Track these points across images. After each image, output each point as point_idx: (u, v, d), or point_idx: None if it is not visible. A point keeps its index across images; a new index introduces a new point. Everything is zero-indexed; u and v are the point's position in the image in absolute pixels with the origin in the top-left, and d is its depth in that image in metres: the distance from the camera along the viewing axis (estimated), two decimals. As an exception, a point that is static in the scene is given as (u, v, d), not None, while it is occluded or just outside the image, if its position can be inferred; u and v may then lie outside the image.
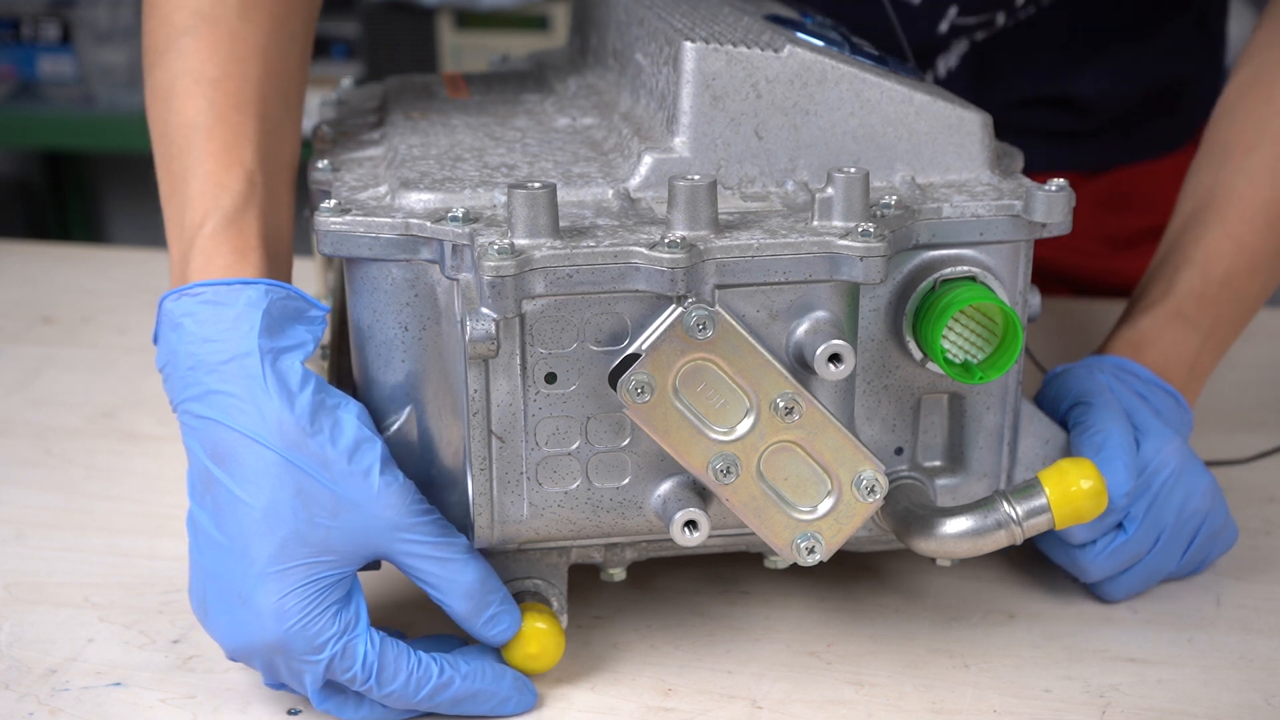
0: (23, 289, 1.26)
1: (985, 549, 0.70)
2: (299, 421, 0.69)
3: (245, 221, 0.74)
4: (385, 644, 0.70)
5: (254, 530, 0.68)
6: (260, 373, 0.69)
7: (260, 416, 0.69)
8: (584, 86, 0.89)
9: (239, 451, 0.69)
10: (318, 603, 0.69)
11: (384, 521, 0.69)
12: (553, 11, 2.42)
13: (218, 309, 0.71)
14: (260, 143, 0.76)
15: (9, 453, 0.98)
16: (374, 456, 0.69)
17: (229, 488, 0.69)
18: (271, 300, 0.71)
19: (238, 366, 0.69)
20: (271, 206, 0.76)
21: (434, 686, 0.71)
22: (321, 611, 0.69)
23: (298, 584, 0.68)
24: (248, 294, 0.71)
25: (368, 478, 0.69)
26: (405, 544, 0.70)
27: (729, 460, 0.68)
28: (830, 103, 0.72)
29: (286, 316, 0.71)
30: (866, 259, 0.67)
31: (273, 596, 0.68)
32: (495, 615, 0.72)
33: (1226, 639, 0.78)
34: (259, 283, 0.71)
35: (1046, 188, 0.70)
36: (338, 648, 0.69)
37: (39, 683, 0.75)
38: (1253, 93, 0.89)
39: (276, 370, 0.69)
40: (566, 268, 0.66)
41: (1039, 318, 0.78)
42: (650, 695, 0.74)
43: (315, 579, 0.69)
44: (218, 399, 0.69)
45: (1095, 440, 0.77)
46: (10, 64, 2.64)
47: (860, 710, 0.73)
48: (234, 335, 0.70)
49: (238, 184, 0.75)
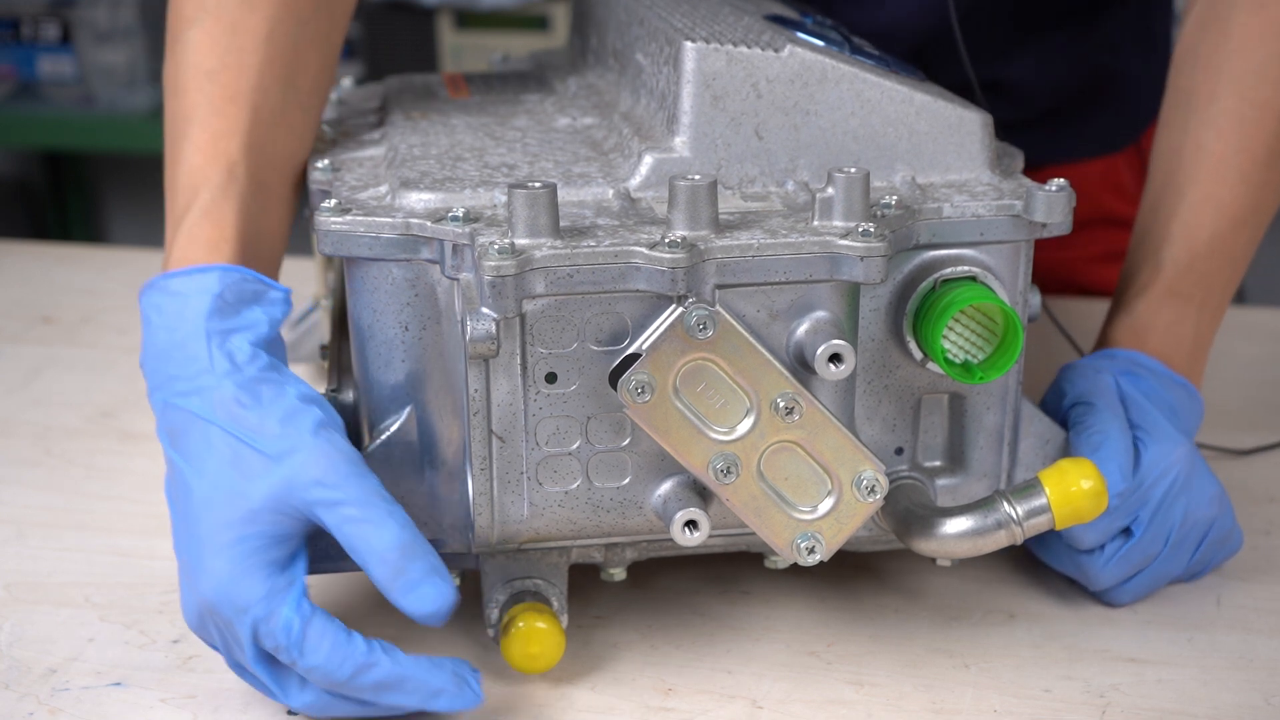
0: (23, 289, 1.26)
1: (985, 549, 0.70)
2: (239, 395, 0.69)
3: (221, 213, 0.75)
4: (316, 616, 0.68)
5: (200, 505, 0.68)
6: (206, 353, 0.70)
7: (203, 395, 0.69)
8: (584, 86, 0.89)
9: (189, 430, 0.69)
10: (247, 563, 0.67)
11: (307, 476, 0.67)
12: (553, 11, 2.42)
13: (177, 299, 0.72)
14: (250, 133, 0.77)
15: (9, 453, 0.98)
16: (310, 420, 0.69)
17: (181, 468, 0.69)
18: (225, 285, 0.72)
19: (187, 350, 0.70)
20: (256, 197, 0.77)
21: (358, 665, 0.67)
22: (250, 571, 0.67)
23: (229, 543, 0.67)
24: (203, 281, 0.72)
25: (298, 436, 0.68)
26: (325, 500, 0.67)
27: (729, 460, 0.68)
28: (830, 103, 0.72)
29: (242, 299, 0.72)
30: (867, 259, 0.67)
31: (207, 559, 0.68)
32: (414, 583, 0.67)
33: (1226, 639, 0.78)
34: (214, 268, 0.72)
35: (1047, 188, 0.70)
36: (262, 610, 0.67)
37: (39, 683, 0.75)
38: (1211, 30, 0.87)
39: (225, 350, 0.70)
40: (567, 267, 0.66)
41: (1039, 317, 0.78)
42: (650, 695, 0.74)
43: (246, 538, 0.68)
44: (174, 384, 0.70)
45: (1093, 440, 0.77)
46: (10, 64, 2.64)
47: (860, 710, 0.73)
48: (186, 321, 0.71)
49: (218, 175, 0.75)
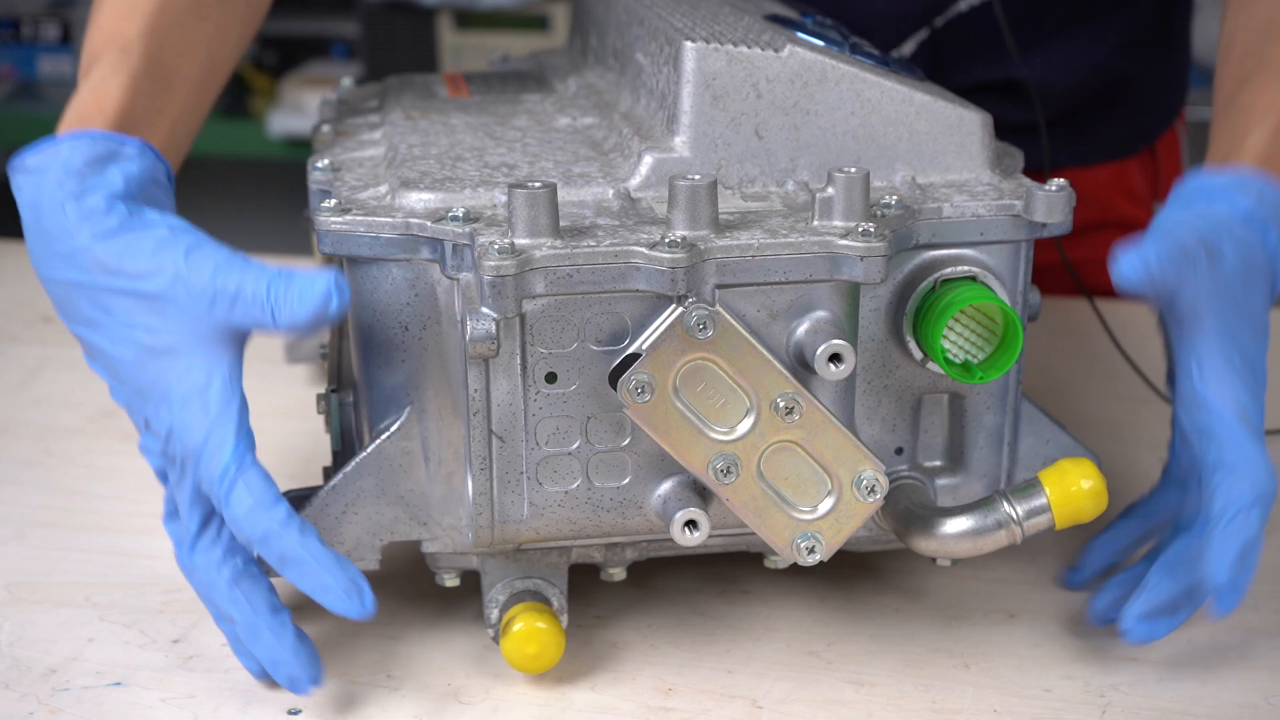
0: (23, 289, 1.26)
1: (985, 549, 0.70)
2: (105, 249, 0.69)
3: (106, 88, 0.76)
4: (252, 469, 0.67)
5: (129, 368, 0.70)
6: (64, 220, 0.70)
7: (73, 260, 0.70)
8: (584, 86, 0.89)
9: (76, 299, 0.71)
10: (206, 408, 0.68)
11: (200, 290, 0.68)
12: (553, 11, 2.42)
13: (34, 176, 0.72)
14: (155, 17, 0.78)
15: (9, 453, 0.98)
16: (181, 246, 0.69)
17: (92, 339, 0.71)
18: (73, 151, 0.72)
19: (48, 224, 0.71)
20: (152, 78, 0.77)
21: (268, 531, 0.67)
22: (207, 417, 0.68)
23: (179, 395, 0.69)
24: (54, 153, 0.72)
25: (175, 264, 0.68)
26: (225, 292, 0.68)
27: (729, 460, 0.68)
28: (830, 102, 0.72)
29: (94, 161, 0.72)
30: (867, 259, 0.67)
31: (162, 410, 0.69)
32: (298, 290, 0.67)
33: (1226, 639, 0.78)
34: (64, 138, 0.73)
35: (1047, 188, 0.70)
36: (212, 459, 0.67)
37: (39, 682, 0.75)
38: (1258, 77, 0.84)
39: (81, 211, 0.70)
40: (567, 267, 0.66)
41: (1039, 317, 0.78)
42: (650, 695, 0.74)
43: (187, 378, 0.68)
44: (49, 262, 0.71)
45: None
46: (10, 64, 2.64)
47: (860, 710, 0.73)
48: (43, 195, 0.71)
49: (111, 55, 0.77)
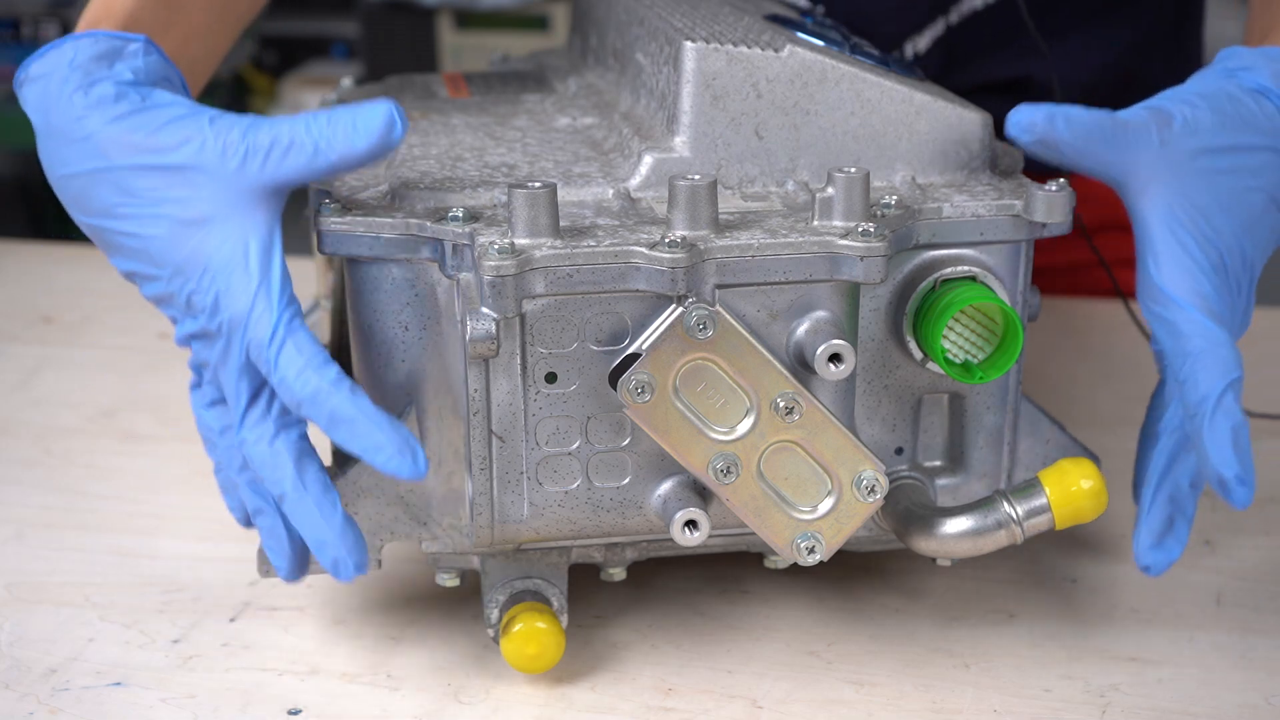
0: (23, 289, 1.26)
1: (985, 549, 0.70)
2: (124, 130, 0.69)
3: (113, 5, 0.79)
4: (300, 332, 0.66)
5: (162, 246, 0.69)
6: (75, 113, 0.70)
7: (87, 148, 0.70)
8: (584, 86, 0.89)
9: (96, 190, 0.70)
10: (251, 277, 0.67)
11: (232, 148, 0.67)
12: (553, 11, 2.42)
13: (40, 81, 0.73)
14: None
15: (9, 453, 0.98)
16: (204, 116, 0.69)
17: (115, 228, 0.70)
18: (77, 50, 0.72)
19: (57, 121, 0.71)
20: (162, 8, 0.80)
21: (317, 390, 0.64)
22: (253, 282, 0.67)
23: (221, 265, 0.67)
24: (58, 55, 0.73)
25: (199, 132, 0.68)
26: (261, 146, 0.67)
27: (729, 460, 0.68)
28: (830, 102, 0.72)
29: (98, 59, 0.72)
30: (867, 259, 0.67)
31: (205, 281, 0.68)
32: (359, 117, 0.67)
33: (1226, 639, 0.78)
34: (66, 40, 0.73)
35: (1046, 188, 0.70)
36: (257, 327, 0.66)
37: (39, 683, 0.75)
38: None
39: (91, 101, 0.70)
40: (567, 267, 0.66)
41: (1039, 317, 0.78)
42: (650, 695, 0.74)
43: (229, 243, 0.67)
44: (60, 159, 0.71)
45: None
46: (10, 64, 2.64)
47: (860, 710, 0.73)
48: (49, 96, 0.72)
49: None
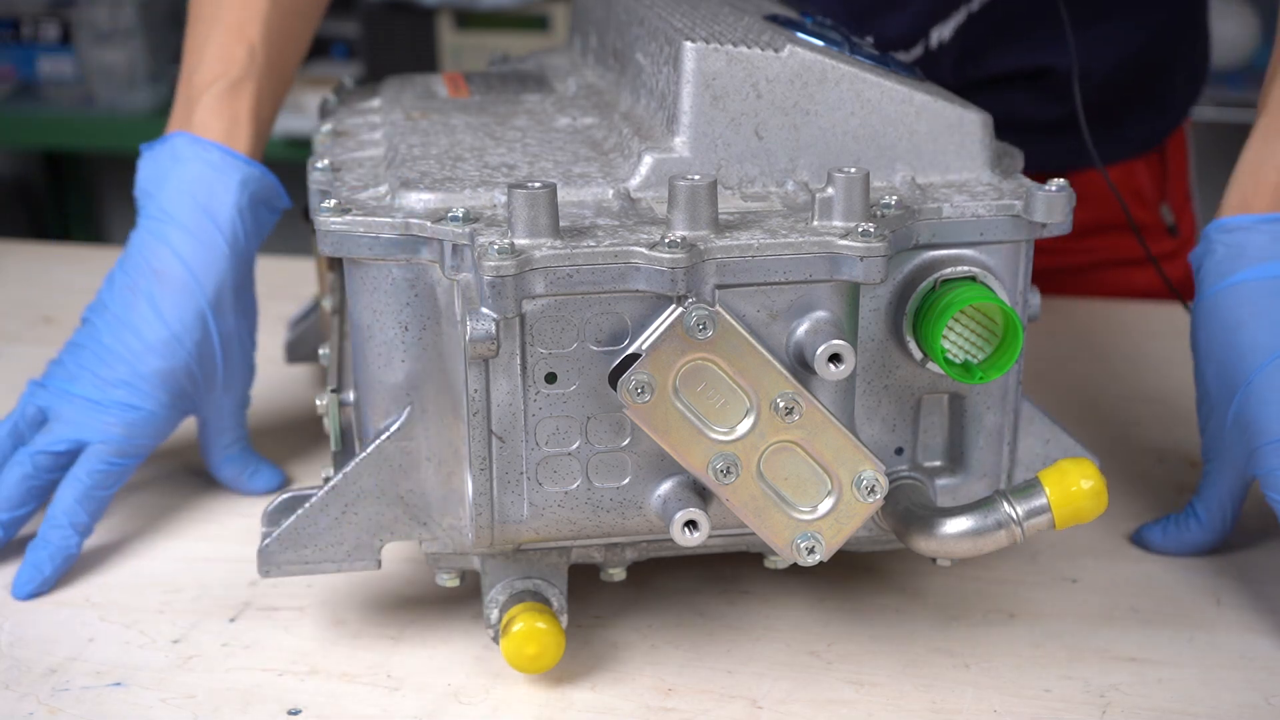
0: (23, 289, 1.26)
1: (985, 549, 0.70)
2: (233, 271, 0.87)
3: (242, 93, 0.90)
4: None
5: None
6: (229, 232, 0.86)
7: (207, 255, 0.86)
8: (584, 86, 0.89)
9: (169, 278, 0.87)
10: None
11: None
12: (553, 11, 2.42)
13: (209, 167, 0.87)
14: (269, 20, 0.92)
15: (9, 453, 0.98)
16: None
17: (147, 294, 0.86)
18: (247, 175, 0.88)
19: (207, 218, 0.86)
20: (270, 79, 0.92)
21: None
22: None
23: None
24: (234, 165, 0.88)
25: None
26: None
27: (729, 460, 0.68)
28: (830, 103, 0.72)
29: (259, 198, 0.88)
30: (867, 259, 0.67)
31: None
32: None
33: (1226, 639, 0.78)
34: (240, 159, 0.88)
35: (1047, 188, 0.70)
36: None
37: (39, 683, 0.75)
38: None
39: (243, 230, 0.87)
40: (567, 267, 0.66)
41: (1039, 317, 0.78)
42: (650, 695, 0.74)
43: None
44: (180, 233, 0.86)
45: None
46: (10, 64, 2.64)
47: (860, 710, 0.73)
48: (215, 196, 0.86)
49: (242, 56, 0.90)
